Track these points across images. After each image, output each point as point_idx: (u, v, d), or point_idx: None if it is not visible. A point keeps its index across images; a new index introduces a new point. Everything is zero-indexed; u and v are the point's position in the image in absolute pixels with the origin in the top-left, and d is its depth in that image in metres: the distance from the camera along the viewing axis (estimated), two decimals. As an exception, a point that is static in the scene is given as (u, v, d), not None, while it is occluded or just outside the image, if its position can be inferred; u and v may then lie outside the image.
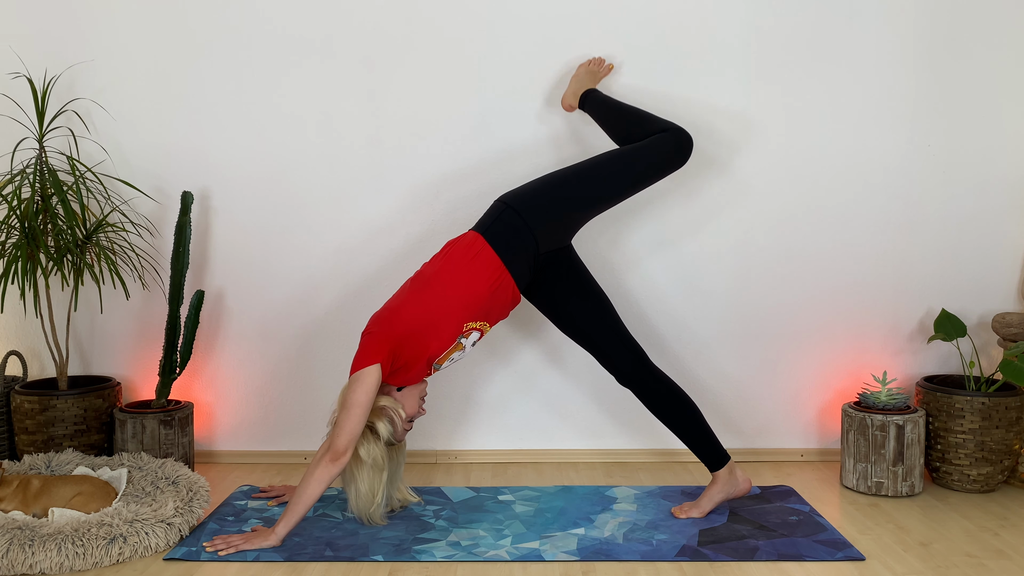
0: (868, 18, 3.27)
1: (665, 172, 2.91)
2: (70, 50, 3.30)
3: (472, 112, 3.31)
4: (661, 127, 2.91)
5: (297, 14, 3.28)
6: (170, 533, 2.59)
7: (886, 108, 3.30)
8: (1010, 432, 3.02)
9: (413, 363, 2.68)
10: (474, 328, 2.73)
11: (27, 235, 3.05)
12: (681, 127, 2.91)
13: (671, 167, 2.91)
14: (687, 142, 2.89)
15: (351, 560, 2.51)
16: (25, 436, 3.14)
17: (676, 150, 2.88)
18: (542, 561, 2.51)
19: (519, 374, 3.40)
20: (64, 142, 3.31)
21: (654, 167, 2.88)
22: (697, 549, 2.57)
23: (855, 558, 2.51)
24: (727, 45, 3.28)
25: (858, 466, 3.05)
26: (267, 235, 3.36)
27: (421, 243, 3.33)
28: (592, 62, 3.22)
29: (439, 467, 3.38)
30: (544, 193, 2.80)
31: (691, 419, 2.84)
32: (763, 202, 3.33)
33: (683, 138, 2.88)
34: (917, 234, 3.35)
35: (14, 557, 2.39)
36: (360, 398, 2.59)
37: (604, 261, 3.33)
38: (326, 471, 2.59)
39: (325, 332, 3.38)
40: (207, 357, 3.40)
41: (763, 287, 3.36)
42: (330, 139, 3.33)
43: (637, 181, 2.88)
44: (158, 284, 3.38)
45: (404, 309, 2.67)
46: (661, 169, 2.90)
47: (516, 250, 2.74)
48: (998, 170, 3.33)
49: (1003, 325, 3.20)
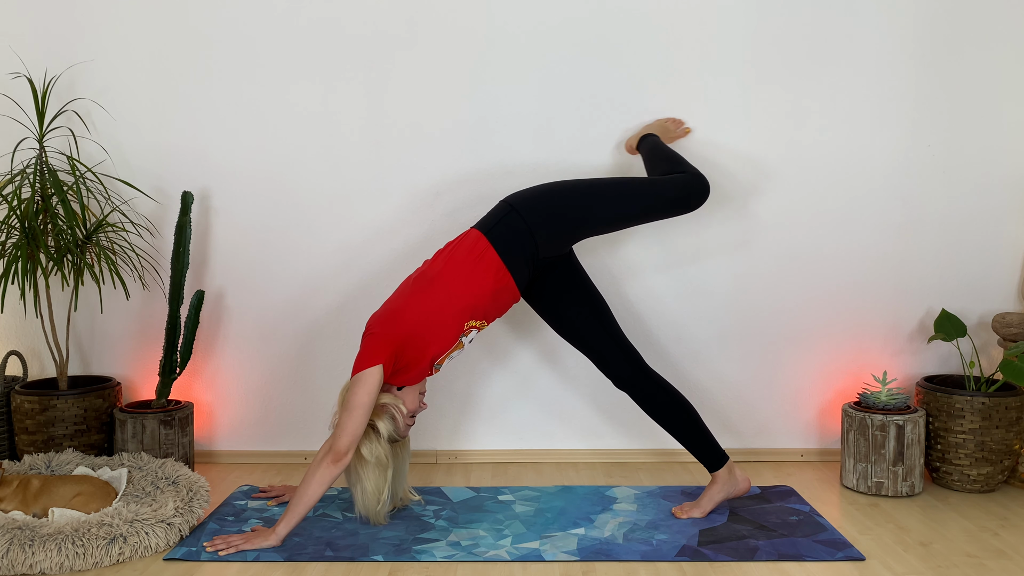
0: (868, 18, 3.27)
1: (675, 211, 2.91)
2: (70, 50, 3.30)
3: (472, 113, 3.31)
4: (687, 170, 2.93)
5: (297, 14, 3.28)
6: (170, 533, 2.59)
7: (886, 108, 3.30)
8: (1010, 432, 3.02)
9: (416, 363, 2.68)
10: (474, 326, 2.73)
11: (27, 235, 3.05)
12: (704, 176, 2.92)
13: (682, 208, 2.91)
14: (705, 188, 2.90)
15: (351, 560, 2.52)
16: (25, 436, 3.14)
17: (692, 192, 2.89)
18: (542, 561, 2.51)
19: (519, 374, 3.40)
20: (64, 142, 3.31)
21: (666, 202, 2.88)
22: (697, 549, 2.57)
23: (855, 558, 2.51)
24: (727, 44, 3.28)
25: (858, 466, 3.05)
26: (267, 235, 3.36)
27: (421, 244, 3.33)
28: (670, 121, 3.24)
29: (439, 467, 3.38)
30: (552, 201, 2.79)
31: (688, 421, 2.84)
32: (762, 202, 3.33)
33: (702, 184, 2.90)
34: (917, 234, 3.35)
35: (14, 557, 2.39)
36: (362, 399, 2.59)
37: (603, 263, 3.33)
38: (327, 472, 2.59)
39: (325, 332, 3.38)
40: (207, 357, 3.40)
41: (763, 287, 3.36)
42: (330, 139, 3.33)
43: (645, 212, 2.88)
44: (158, 284, 3.38)
45: (407, 310, 2.67)
46: (673, 205, 2.89)
47: (518, 254, 2.74)
48: (998, 170, 3.33)
49: (1003, 325, 3.20)
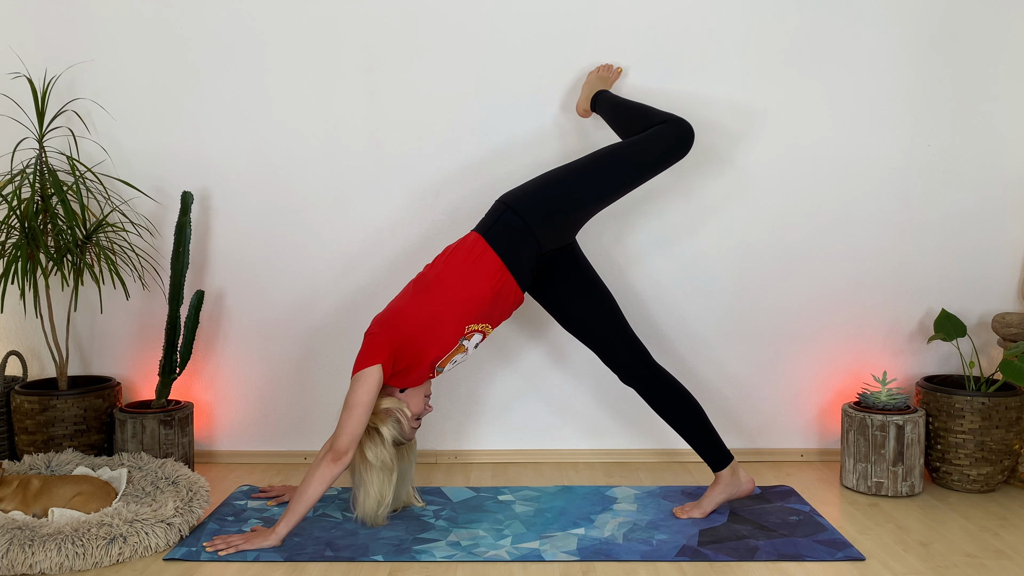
0: (868, 18, 3.27)
1: (666, 163, 2.88)
2: (70, 50, 3.30)
3: (472, 113, 3.31)
4: (662, 119, 2.89)
5: (298, 14, 3.28)
6: (170, 533, 2.59)
7: (886, 108, 3.30)
8: (1010, 432, 3.02)
9: (415, 365, 2.68)
10: (476, 330, 2.73)
11: (27, 235, 3.05)
12: (682, 118, 2.89)
13: (672, 158, 2.88)
14: (688, 132, 2.86)
15: (351, 560, 2.51)
16: (25, 436, 3.14)
17: (677, 140, 2.85)
18: (542, 561, 2.51)
19: (519, 374, 3.40)
20: (64, 142, 3.31)
21: (654, 158, 2.85)
22: (697, 549, 2.57)
23: (855, 558, 2.51)
24: (727, 44, 3.28)
25: (858, 466, 3.05)
26: (267, 235, 3.36)
27: (422, 243, 3.33)
28: (602, 68, 3.22)
29: (439, 467, 3.38)
30: (544, 192, 2.79)
31: (695, 418, 2.84)
32: (764, 201, 3.33)
33: (684, 128, 2.86)
34: (917, 234, 3.35)
35: (14, 557, 2.39)
36: (361, 398, 2.60)
37: (607, 258, 3.33)
38: (328, 471, 2.59)
39: (325, 332, 3.38)
40: (207, 357, 3.40)
41: (763, 286, 3.36)
42: (331, 139, 3.33)
43: (638, 174, 2.85)
44: (158, 284, 3.38)
45: (406, 311, 2.67)
46: (662, 160, 2.86)
47: (518, 252, 2.73)
48: (998, 170, 3.33)
49: (1003, 325, 3.20)
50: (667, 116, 2.90)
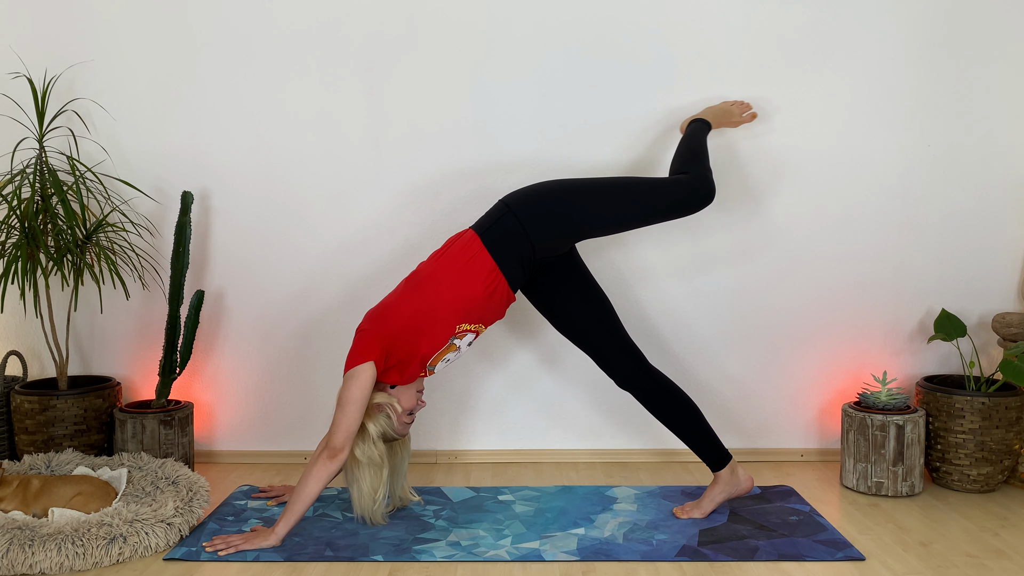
0: (869, 18, 3.27)
1: (672, 215, 2.84)
2: (70, 50, 3.30)
3: (472, 112, 3.31)
4: (697, 171, 2.85)
5: (297, 13, 3.28)
6: (170, 533, 2.59)
7: (886, 108, 3.30)
8: (1010, 432, 3.02)
9: (406, 362, 2.68)
10: (468, 330, 2.72)
11: (27, 235, 3.05)
12: (708, 178, 2.84)
13: (678, 213, 2.83)
14: (707, 195, 2.82)
15: (351, 560, 2.52)
16: (25, 436, 3.14)
17: (692, 198, 2.81)
18: (542, 561, 2.51)
19: (519, 374, 3.40)
20: (64, 142, 3.31)
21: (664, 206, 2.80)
22: (697, 549, 2.57)
23: (855, 558, 2.51)
24: (728, 45, 3.28)
25: (858, 466, 3.05)
26: (267, 235, 3.36)
27: (421, 243, 3.33)
28: (736, 103, 3.19)
29: (439, 467, 3.38)
30: (548, 203, 2.74)
31: (692, 420, 2.83)
32: (764, 201, 3.33)
33: (706, 189, 2.82)
34: (917, 234, 3.35)
35: (14, 557, 2.39)
36: (354, 395, 2.60)
37: (606, 258, 3.33)
38: (324, 468, 2.59)
39: (325, 332, 3.38)
40: (207, 357, 3.40)
41: (763, 287, 3.36)
42: (330, 139, 3.33)
43: (642, 215, 2.80)
44: (158, 284, 3.38)
45: (397, 307, 2.67)
46: (669, 210, 2.81)
47: (512, 255, 2.70)
48: (998, 170, 3.33)
49: (1003, 325, 3.20)
50: (703, 172, 2.86)
